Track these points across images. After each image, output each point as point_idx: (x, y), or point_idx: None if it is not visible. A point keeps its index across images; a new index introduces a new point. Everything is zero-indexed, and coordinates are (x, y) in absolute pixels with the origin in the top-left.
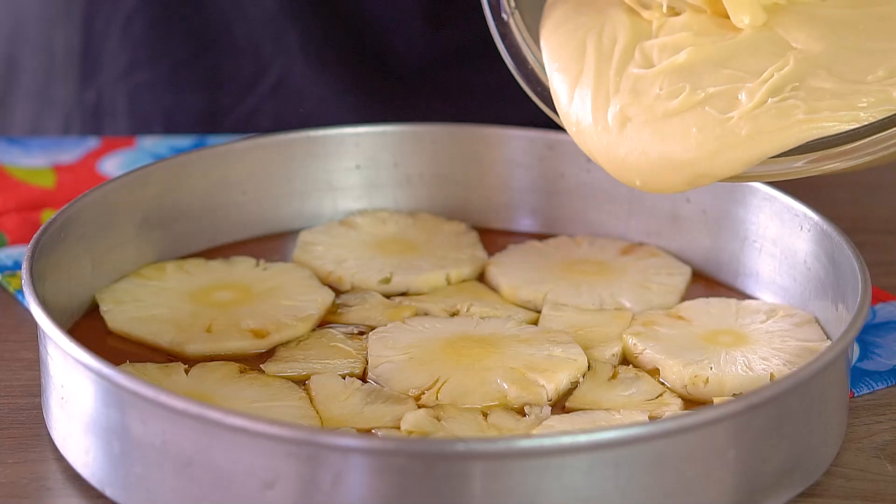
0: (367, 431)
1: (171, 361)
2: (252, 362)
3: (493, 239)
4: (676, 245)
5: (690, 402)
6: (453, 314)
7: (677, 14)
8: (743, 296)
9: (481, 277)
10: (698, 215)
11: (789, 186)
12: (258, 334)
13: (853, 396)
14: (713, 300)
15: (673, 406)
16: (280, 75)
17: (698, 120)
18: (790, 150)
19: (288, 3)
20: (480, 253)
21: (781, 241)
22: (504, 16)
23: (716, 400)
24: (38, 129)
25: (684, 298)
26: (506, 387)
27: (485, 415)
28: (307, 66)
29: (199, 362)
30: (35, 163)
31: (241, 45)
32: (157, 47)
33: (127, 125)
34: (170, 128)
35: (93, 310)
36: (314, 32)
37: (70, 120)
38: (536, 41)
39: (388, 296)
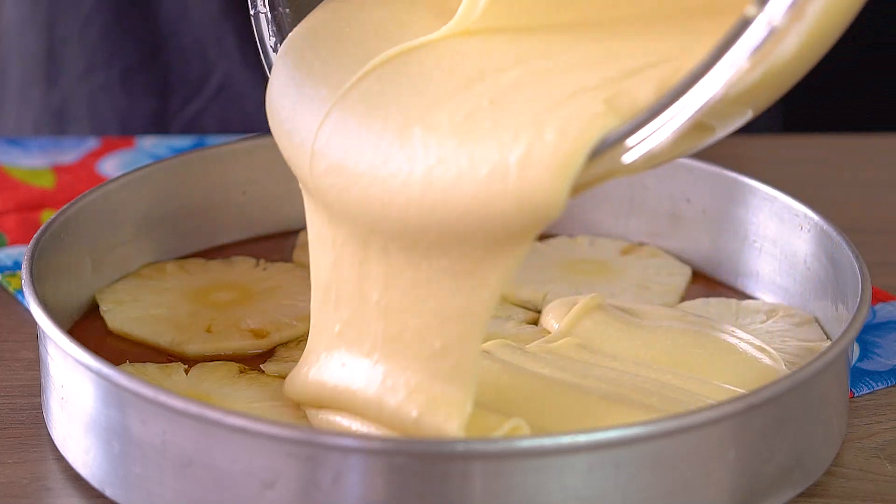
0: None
1: (171, 361)
2: (252, 362)
3: None
4: (676, 245)
5: None
6: None
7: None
8: (743, 296)
9: None
10: (698, 215)
11: (789, 186)
12: (258, 334)
13: (853, 396)
14: (713, 300)
15: None
16: (223, 78)
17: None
18: None
19: (227, 5)
20: None
21: (781, 241)
22: (252, 10)
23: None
24: (19, 130)
25: (684, 298)
26: None
27: None
28: (246, 69)
29: (198, 362)
30: (34, 163)
31: (189, 48)
32: (111, 51)
33: (87, 128)
34: (125, 130)
35: (93, 310)
36: (251, 34)
37: (40, 123)
38: None
39: None
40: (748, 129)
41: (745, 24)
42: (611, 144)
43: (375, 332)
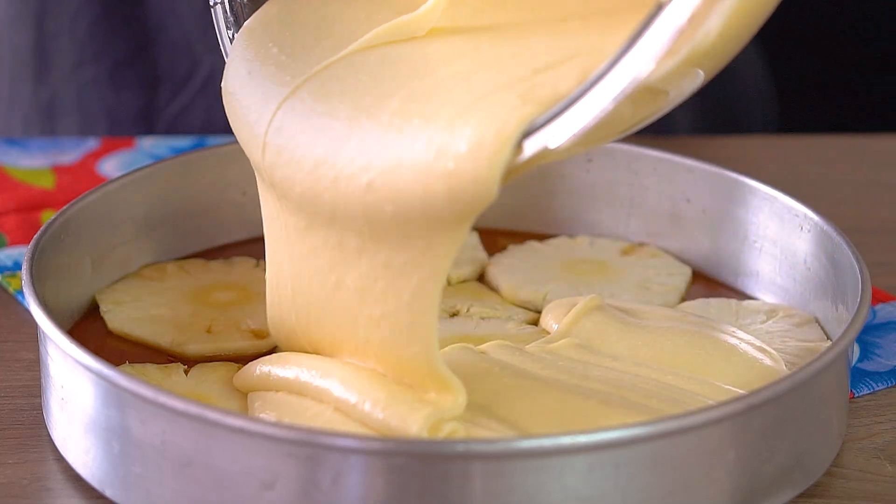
0: None
1: (171, 362)
2: None
3: (493, 239)
4: (676, 245)
5: None
6: (453, 314)
7: None
8: (743, 296)
9: (481, 278)
10: (698, 215)
11: (789, 186)
12: (258, 334)
13: (853, 397)
14: (713, 300)
15: None
16: (209, 72)
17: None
18: None
19: None
20: (480, 253)
21: (781, 241)
22: (211, 1)
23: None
24: (9, 127)
25: (684, 298)
26: None
27: None
28: None
29: (198, 362)
30: (34, 163)
31: (176, 42)
32: (100, 46)
33: (77, 123)
34: (112, 125)
35: (93, 310)
36: None
37: (29, 119)
38: None
39: None
40: (747, 129)
41: (659, 8)
42: (536, 130)
43: (325, 319)
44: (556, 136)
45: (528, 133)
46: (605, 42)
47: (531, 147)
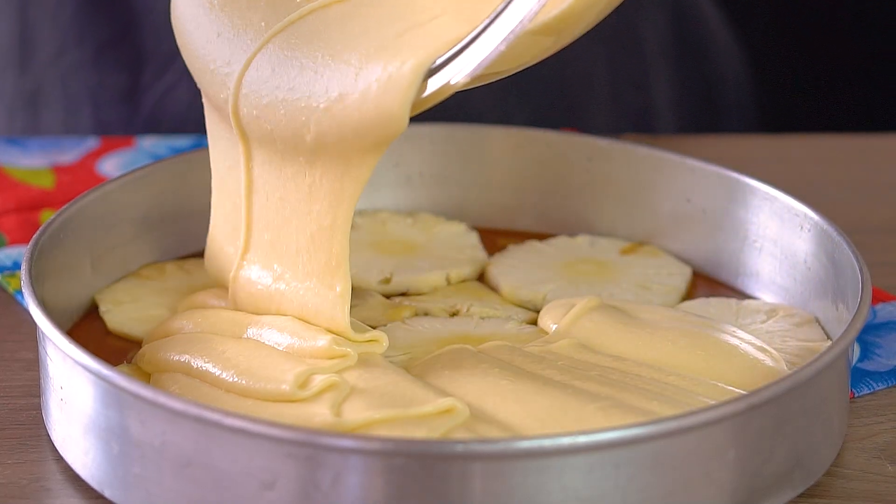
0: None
1: None
2: None
3: (493, 239)
4: (676, 245)
5: None
6: (453, 314)
7: None
8: (743, 296)
9: (481, 277)
10: (698, 215)
11: (789, 186)
12: None
13: (854, 397)
14: (713, 300)
15: None
16: None
17: None
18: None
19: None
20: (480, 253)
21: (781, 241)
22: None
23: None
24: None
25: (684, 298)
26: None
27: None
28: None
29: None
30: (34, 163)
31: (162, 22)
32: (84, 30)
33: (61, 107)
34: (96, 105)
35: (92, 310)
36: None
37: (14, 107)
38: None
39: (388, 296)
40: (725, 116)
41: None
42: (437, 70)
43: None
44: (456, 73)
45: (430, 73)
46: (463, 6)
47: (434, 84)
